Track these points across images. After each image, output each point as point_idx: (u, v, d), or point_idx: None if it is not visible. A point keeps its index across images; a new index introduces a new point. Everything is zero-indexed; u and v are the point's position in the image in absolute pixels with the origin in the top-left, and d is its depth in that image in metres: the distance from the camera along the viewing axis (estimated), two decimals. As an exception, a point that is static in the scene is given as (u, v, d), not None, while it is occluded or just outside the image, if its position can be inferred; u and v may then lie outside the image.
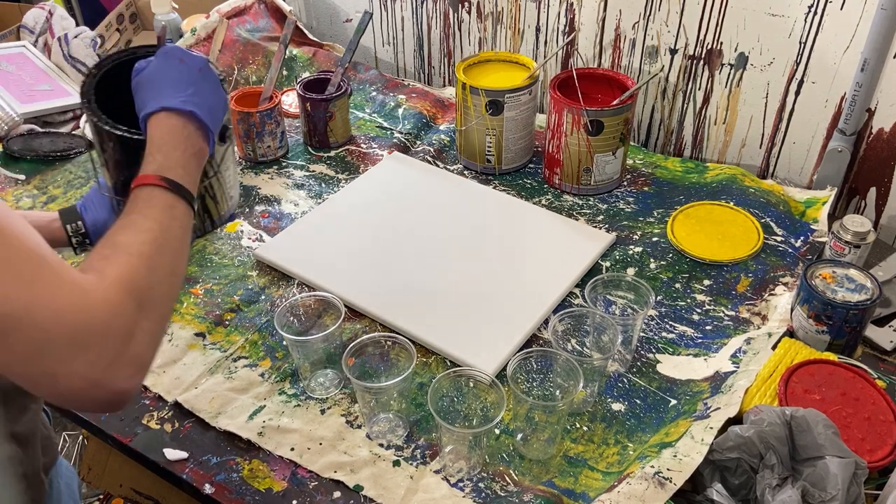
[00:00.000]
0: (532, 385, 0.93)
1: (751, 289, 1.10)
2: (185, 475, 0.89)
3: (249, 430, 0.92)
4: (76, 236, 0.87)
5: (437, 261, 1.16)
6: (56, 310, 0.53)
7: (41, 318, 0.53)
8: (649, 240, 1.19)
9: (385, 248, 1.19)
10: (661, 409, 0.95)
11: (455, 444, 0.88)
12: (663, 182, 1.33)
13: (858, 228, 1.07)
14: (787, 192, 1.28)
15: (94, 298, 0.56)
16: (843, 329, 0.96)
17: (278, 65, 1.36)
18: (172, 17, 1.62)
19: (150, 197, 0.66)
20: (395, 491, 0.86)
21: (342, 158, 1.41)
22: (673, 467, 0.81)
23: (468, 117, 1.32)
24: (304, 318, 1.02)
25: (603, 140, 1.24)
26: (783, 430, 0.80)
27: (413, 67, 1.72)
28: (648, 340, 1.04)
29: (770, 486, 0.78)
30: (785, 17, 1.21)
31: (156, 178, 0.67)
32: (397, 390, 0.90)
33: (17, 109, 1.42)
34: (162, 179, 0.67)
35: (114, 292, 0.57)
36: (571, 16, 1.42)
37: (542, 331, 1.05)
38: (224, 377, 0.99)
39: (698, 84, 1.35)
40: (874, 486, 0.83)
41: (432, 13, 1.60)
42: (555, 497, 0.85)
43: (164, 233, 0.65)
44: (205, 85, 0.75)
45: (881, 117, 1.20)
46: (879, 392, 0.89)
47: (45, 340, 0.53)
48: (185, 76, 0.74)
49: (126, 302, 0.57)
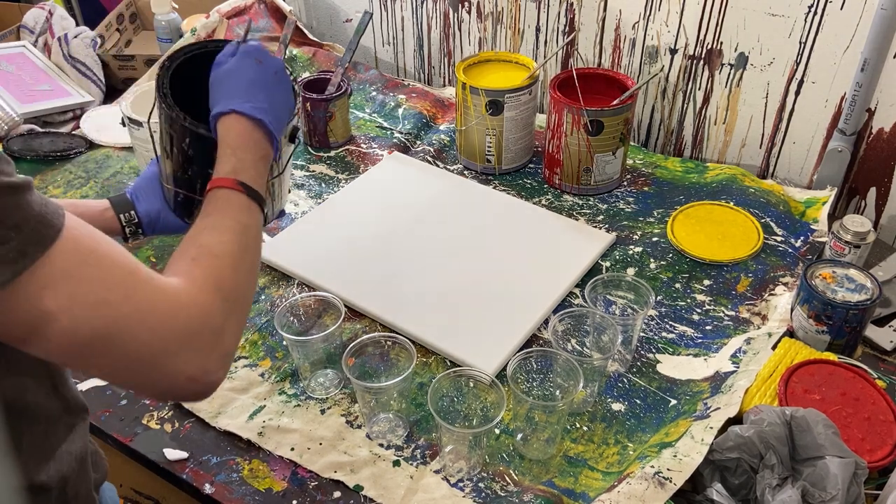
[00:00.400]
0: (532, 385, 0.93)
1: (751, 289, 1.10)
2: (185, 475, 0.89)
3: (249, 430, 0.92)
4: (129, 226, 0.87)
5: (438, 261, 1.16)
6: (155, 319, 0.56)
7: (141, 329, 0.56)
8: (649, 240, 1.19)
9: (385, 248, 1.19)
10: (661, 409, 0.95)
11: (455, 444, 0.88)
12: (663, 182, 1.33)
13: (858, 228, 1.07)
14: (787, 192, 1.28)
15: (188, 303, 0.58)
16: (843, 329, 0.96)
17: (278, 65, 1.36)
18: (172, 17, 1.62)
19: (228, 198, 0.69)
20: (395, 491, 0.86)
21: (342, 158, 1.41)
22: (673, 467, 0.81)
23: (468, 117, 1.32)
24: (304, 318, 1.02)
25: (603, 140, 1.24)
26: (783, 430, 0.80)
27: (413, 67, 1.72)
28: (648, 340, 1.04)
29: (770, 486, 0.78)
30: (785, 17, 1.21)
31: (232, 182, 0.69)
32: (397, 390, 0.90)
33: (17, 109, 1.42)
34: (238, 183, 0.69)
35: (204, 295, 0.60)
36: (571, 16, 1.42)
37: (542, 331, 1.05)
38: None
39: (698, 84, 1.35)
40: (874, 486, 0.83)
41: (432, 13, 1.60)
42: (555, 497, 0.85)
43: (245, 233, 0.67)
44: (277, 89, 0.77)
45: (881, 117, 1.20)
46: (879, 392, 0.89)
47: (147, 349, 0.56)
48: (259, 79, 0.75)
49: (216, 302, 0.60)
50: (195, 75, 0.81)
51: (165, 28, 1.61)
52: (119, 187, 1.32)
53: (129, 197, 0.88)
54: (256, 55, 0.77)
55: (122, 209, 0.87)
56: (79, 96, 1.51)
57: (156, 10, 1.60)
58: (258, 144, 0.73)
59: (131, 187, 0.90)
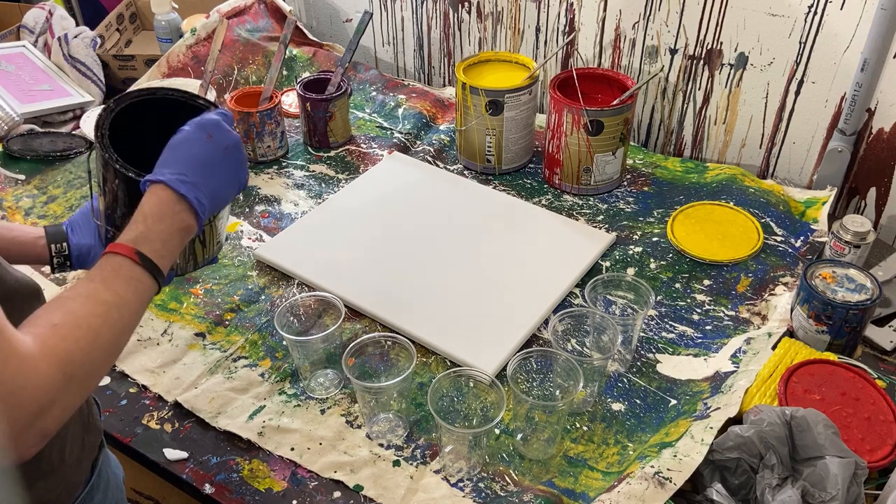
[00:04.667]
0: (532, 385, 0.93)
1: (751, 289, 1.10)
2: (185, 475, 0.89)
3: (249, 430, 0.92)
4: (58, 257, 0.87)
5: (437, 261, 1.16)
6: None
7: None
8: (649, 240, 1.19)
9: (385, 247, 1.19)
10: (661, 409, 0.95)
11: (455, 444, 0.88)
12: (663, 182, 1.33)
13: (858, 228, 1.07)
14: (787, 192, 1.28)
15: (24, 368, 0.55)
16: (843, 329, 0.96)
17: (278, 65, 1.36)
18: (172, 17, 1.62)
19: (118, 267, 0.66)
20: (395, 491, 0.86)
21: (342, 158, 1.41)
22: (673, 467, 0.81)
23: (468, 117, 1.32)
24: (304, 318, 1.02)
25: (603, 140, 1.24)
26: (783, 430, 0.80)
27: (413, 67, 1.72)
28: (648, 340, 1.04)
29: (770, 486, 0.78)
30: (785, 17, 1.21)
31: (130, 251, 0.67)
32: (397, 390, 0.90)
33: (17, 109, 1.42)
34: (136, 252, 0.67)
35: (47, 365, 0.57)
36: (571, 16, 1.42)
37: (542, 331, 1.05)
38: (224, 377, 0.99)
39: (698, 84, 1.35)
40: (874, 486, 0.83)
41: (432, 13, 1.60)
42: (555, 497, 0.85)
43: (120, 308, 0.64)
44: (222, 167, 0.76)
45: (881, 117, 1.20)
46: (879, 392, 0.89)
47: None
48: (203, 154, 0.74)
49: (55, 377, 0.57)
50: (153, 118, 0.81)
51: (165, 28, 1.61)
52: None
53: (65, 229, 0.88)
54: (209, 129, 0.75)
55: (54, 240, 0.86)
56: (79, 96, 1.51)
57: (156, 10, 1.60)
58: (177, 216, 0.71)
59: (69, 219, 0.89)
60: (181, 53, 1.53)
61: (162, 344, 1.04)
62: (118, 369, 1.00)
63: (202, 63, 1.52)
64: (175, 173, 0.72)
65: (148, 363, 1.01)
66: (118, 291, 0.64)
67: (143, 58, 1.57)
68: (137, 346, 1.03)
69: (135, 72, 1.57)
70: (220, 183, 0.75)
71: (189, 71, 1.52)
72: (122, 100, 0.81)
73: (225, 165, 0.76)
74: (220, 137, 0.75)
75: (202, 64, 1.51)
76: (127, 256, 0.66)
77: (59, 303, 0.62)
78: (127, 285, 0.66)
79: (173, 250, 0.71)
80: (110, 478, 0.83)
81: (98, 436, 0.81)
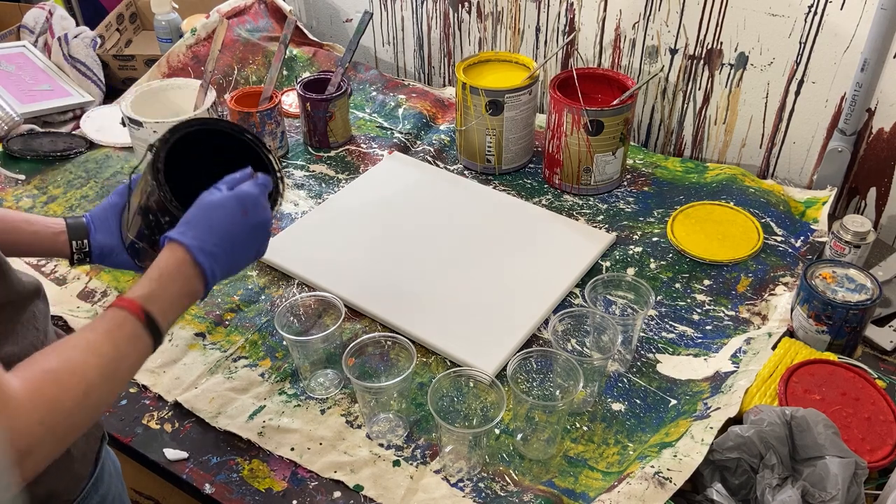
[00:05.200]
0: (532, 385, 0.93)
1: (751, 289, 1.10)
2: (185, 475, 0.89)
3: (249, 430, 0.92)
4: (79, 254, 0.86)
5: (437, 261, 1.16)
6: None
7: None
8: (649, 240, 1.19)
9: (385, 247, 1.19)
10: (661, 409, 0.95)
11: (455, 444, 0.88)
12: (663, 182, 1.33)
13: (858, 228, 1.07)
14: (787, 192, 1.28)
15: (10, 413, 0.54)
16: (843, 329, 0.96)
17: (278, 65, 1.36)
18: (172, 17, 1.62)
19: (122, 323, 0.65)
20: (395, 491, 0.86)
21: (342, 158, 1.41)
22: (673, 467, 0.81)
23: (468, 117, 1.32)
24: (304, 318, 1.02)
25: (603, 140, 1.24)
26: (783, 430, 0.80)
27: (413, 67, 1.72)
28: (648, 340, 1.04)
29: (770, 486, 0.78)
30: (785, 17, 1.21)
31: (138, 308, 0.66)
32: (397, 390, 0.90)
33: (17, 109, 1.42)
34: (143, 311, 0.66)
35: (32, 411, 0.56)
36: (571, 16, 1.42)
37: (542, 331, 1.05)
38: (224, 377, 0.99)
39: (698, 84, 1.35)
40: (874, 486, 0.83)
41: (432, 13, 1.60)
42: (555, 497, 0.85)
43: (118, 362, 0.64)
44: (246, 244, 0.75)
45: (881, 117, 1.20)
46: (879, 392, 0.89)
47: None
48: (232, 229, 0.73)
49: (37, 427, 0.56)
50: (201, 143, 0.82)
51: (165, 28, 1.61)
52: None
53: (87, 225, 0.87)
54: (247, 205, 0.74)
55: (76, 235, 0.86)
56: (79, 96, 1.51)
57: (156, 10, 1.60)
58: (189, 282, 0.71)
59: (90, 214, 0.88)
60: (181, 53, 1.53)
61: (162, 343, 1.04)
62: (118, 369, 1.00)
63: (202, 63, 1.52)
64: (198, 239, 0.71)
65: (148, 363, 1.01)
66: (119, 346, 0.64)
67: (143, 58, 1.57)
68: (137, 346, 1.03)
69: (135, 72, 1.57)
70: (238, 257, 0.76)
71: (189, 71, 1.52)
72: (177, 130, 0.81)
73: (249, 242, 0.76)
74: (255, 215, 0.75)
75: (202, 64, 1.51)
76: (133, 313, 0.66)
77: (59, 350, 0.61)
78: (128, 342, 0.65)
79: (178, 313, 0.71)
80: (112, 469, 0.83)
81: (99, 428, 0.81)
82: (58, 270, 1.16)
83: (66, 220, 0.86)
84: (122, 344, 0.65)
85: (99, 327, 0.65)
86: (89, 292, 1.12)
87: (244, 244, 0.75)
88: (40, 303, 0.75)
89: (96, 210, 0.89)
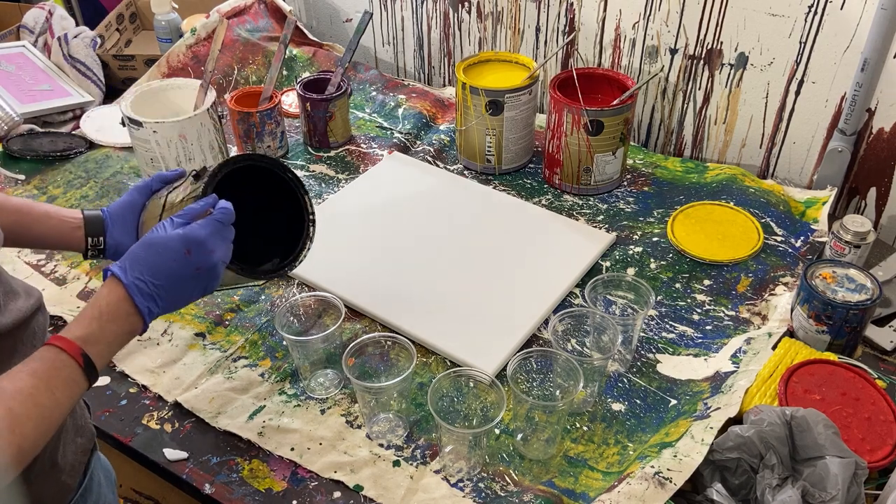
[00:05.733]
0: (532, 385, 0.93)
1: (751, 289, 1.10)
2: (185, 475, 0.89)
3: (249, 430, 0.92)
4: (93, 250, 0.86)
5: (437, 261, 1.16)
6: None
7: None
8: (649, 240, 1.19)
9: (385, 247, 1.19)
10: (661, 409, 0.95)
11: (455, 444, 0.88)
12: (663, 182, 1.33)
13: (858, 228, 1.07)
14: (787, 192, 1.28)
15: None
16: (843, 329, 0.96)
17: (278, 65, 1.36)
18: (172, 17, 1.62)
19: (61, 367, 0.65)
20: (395, 491, 0.86)
21: (342, 158, 1.41)
22: (673, 467, 0.81)
23: (468, 117, 1.32)
24: (304, 318, 1.02)
25: (603, 140, 1.24)
26: (783, 430, 0.80)
27: (413, 67, 1.72)
28: (648, 340, 1.04)
29: (770, 486, 0.78)
30: (785, 17, 1.21)
31: (77, 351, 0.66)
32: (397, 390, 0.90)
33: (17, 109, 1.42)
34: (82, 355, 0.66)
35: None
36: (571, 16, 1.42)
37: (542, 331, 1.05)
38: (224, 377, 0.99)
39: (698, 84, 1.35)
40: (874, 486, 0.83)
41: (432, 13, 1.60)
42: (555, 497, 0.85)
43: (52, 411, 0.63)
44: (188, 283, 0.74)
45: (881, 117, 1.20)
46: (879, 392, 0.89)
47: None
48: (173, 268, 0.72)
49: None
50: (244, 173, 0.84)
51: (165, 28, 1.61)
52: (119, 187, 1.32)
53: (105, 221, 0.86)
54: (191, 245, 0.73)
55: (92, 232, 0.86)
56: (79, 96, 1.51)
57: (156, 10, 1.60)
58: (128, 319, 0.71)
59: (108, 210, 0.88)
60: (181, 53, 1.53)
61: (162, 344, 1.04)
62: (118, 369, 1.00)
63: (202, 63, 1.52)
64: (137, 278, 0.71)
65: (148, 363, 1.01)
66: (56, 394, 0.64)
67: (143, 58, 1.57)
68: (137, 346, 1.03)
69: (135, 72, 1.57)
70: (180, 296, 0.74)
71: (189, 71, 1.52)
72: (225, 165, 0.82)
73: (192, 283, 0.74)
74: (199, 258, 0.74)
75: (202, 64, 1.51)
76: (72, 356, 0.65)
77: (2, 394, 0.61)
78: (65, 388, 0.65)
79: (114, 351, 0.71)
80: (102, 480, 0.83)
81: (90, 438, 0.81)
82: (58, 270, 1.16)
83: (83, 214, 0.86)
84: (59, 391, 0.64)
85: (40, 372, 0.64)
86: (89, 292, 1.12)
87: (186, 285, 0.74)
88: (40, 316, 0.74)
89: (115, 207, 0.88)
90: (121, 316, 0.70)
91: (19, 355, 0.69)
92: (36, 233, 0.83)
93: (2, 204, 0.81)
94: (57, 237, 0.85)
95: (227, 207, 0.77)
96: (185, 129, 1.19)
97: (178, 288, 0.73)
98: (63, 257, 1.19)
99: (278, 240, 0.90)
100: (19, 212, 0.82)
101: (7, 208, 0.81)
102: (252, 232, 0.83)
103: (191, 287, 0.75)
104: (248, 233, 0.82)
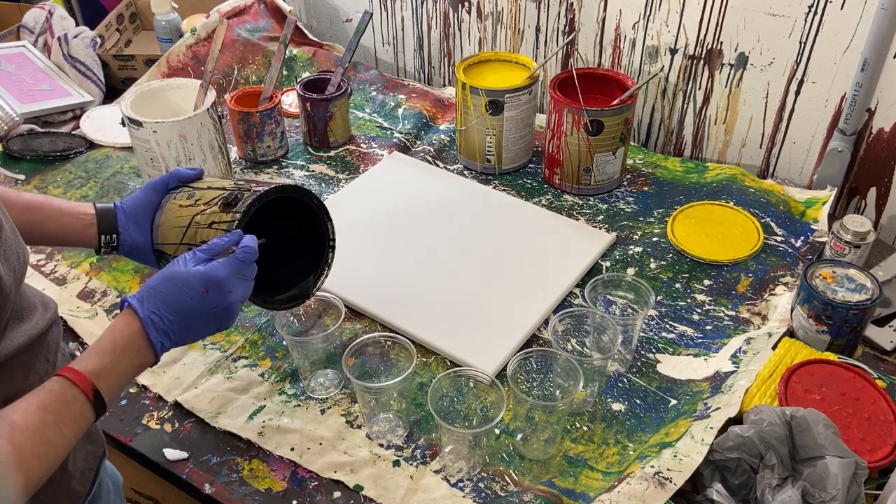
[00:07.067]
0: (532, 385, 0.93)
1: (751, 289, 1.10)
2: (185, 475, 0.89)
3: (249, 430, 0.92)
4: (106, 247, 0.85)
5: (437, 261, 1.16)
6: None
7: None
8: (649, 240, 1.19)
9: (385, 247, 1.19)
10: (661, 409, 0.95)
11: (455, 444, 0.88)
12: (663, 182, 1.33)
13: (858, 228, 1.07)
14: (787, 191, 1.28)
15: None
16: (843, 329, 0.96)
17: (278, 65, 1.36)
18: (172, 17, 1.62)
19: (71, 402, 0.65)
20: (395, 491, 0.86)
21: (342, 158, 1.41)
22: (673, 467, 0.81)
23: (468, 117, 1.32)
24: (304, 318, 1.02)
25: (603, 140, 1.24)
26: (783, 430, 0.80)
27: (413, 67, 1.72)
28: (648, 340, 1.04)
29: (770, 486, 0.78)
30: (785, 17, 1.21)
31: (88, 386, 0.65)
32: (397, 390, 0.90)
33: (17, 109, 1.42)
34: (92, 390, 0.66)
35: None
36: (571, 16, 1.42)
37: (542, 331, 1.05)
38: (224, 377, 0.99)
39: (698, 84, 1.35)
40: (874, 486, 0.83)
41: (432, 13, 1.60)
42: (555, 497, 0.85)
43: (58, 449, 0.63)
44: (203, 322, 0.74)
45: (881, 117, 1.20)
46: (879, 392, 0.89)
47: None
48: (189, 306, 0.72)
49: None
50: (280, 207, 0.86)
51: (165, 28, 1.61)
52: (119, 187, 1.32)
53: (119, 219, 0.85)
54: (209, 284, 0.73)
55: (105, 229, 0.85)
56: (79, 96, 1.51)
57: (156, 10, 1.60)
58: (141, 352, 0.71)
59: (122, 205, 0.87)
60: (181, 53, 1.53)
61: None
62: (118, 369, 1.00)
63: (202, 63, 1.52)
64: (152, 311, 0.71)
65: (148, 363, 1.01)
66: (63, 429, 0.64)
67: (143, 58, 1.57)
68: (137, 346, 1.03)
69: (135, 72, 1.57)
70: (193, 332, 0.74)
71: (189, 71, 1.52)
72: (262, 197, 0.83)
73: (206, 321, 0.74)
74: (216, 297, 0.73)
75: (202, 64, 1.51)
76: (83, 391, 0.65)
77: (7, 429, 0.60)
78: (73, 423, 0.65)
79: (123, 384, 0.71)
80: (110, 487, 0.83)
81: (100, 445, 0.80)
82: (58, 270, 1.16)
83: (96, 210, 0.85)
84: (66, 426, 0.64)
85: (49, 405, 0.63)
86: (89, 292, 1.12)
87: (200, 322, 0.74)
88: (55, 328, 0.74)
89: (129, 204, 0.87)
90: (133, 349, 0.70)
91: (35, 373, 0.69)
92: (48, 230, 0.83)
93: (13, 201, 0.80)
94: (70, 234, 0.84)
95: (250, 247, 0.77)
96: (185, 129, 1.19)
97: (192, 325, 0.73)
98: (63, 257, 1.19)
99: (302, 264, 0.92)
100: (31, 209, 0.81)
101: (19, 205, 0.80)
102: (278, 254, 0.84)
103: (204, 325, 0.74)
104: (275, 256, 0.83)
